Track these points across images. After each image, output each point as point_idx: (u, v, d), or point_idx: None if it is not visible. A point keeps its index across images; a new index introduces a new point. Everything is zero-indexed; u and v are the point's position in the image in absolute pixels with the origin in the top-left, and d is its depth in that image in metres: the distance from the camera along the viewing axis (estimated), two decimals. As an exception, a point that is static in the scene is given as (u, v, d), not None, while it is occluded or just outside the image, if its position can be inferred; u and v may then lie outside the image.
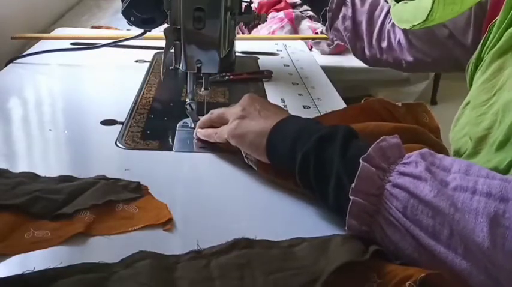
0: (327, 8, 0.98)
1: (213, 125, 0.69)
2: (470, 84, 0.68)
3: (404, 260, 0.46)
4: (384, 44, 0.94)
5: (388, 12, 0.93)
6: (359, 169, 0.47)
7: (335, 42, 1.56)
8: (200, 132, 0.71)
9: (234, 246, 0.48)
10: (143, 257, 0.46)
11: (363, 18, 0.96)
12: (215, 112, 0.69)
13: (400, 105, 0.68)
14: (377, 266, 0.45)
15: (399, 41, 0.92)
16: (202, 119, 0.71)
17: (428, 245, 0.44)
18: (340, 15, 0.96)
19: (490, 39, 0.63)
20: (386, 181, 0.47)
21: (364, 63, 1.03)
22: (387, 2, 0.91)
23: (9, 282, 0.42)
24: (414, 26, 0.64)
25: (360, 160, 0.48)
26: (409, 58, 0.91)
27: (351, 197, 0.48)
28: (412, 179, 0.46)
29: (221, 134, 0.65)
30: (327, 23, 1.00)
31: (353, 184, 0.48)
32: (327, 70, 1.12)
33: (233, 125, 0.63)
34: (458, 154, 0.64)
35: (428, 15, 0.59)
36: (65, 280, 0.43)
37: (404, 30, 0.89)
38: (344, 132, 0.54)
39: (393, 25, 0.93)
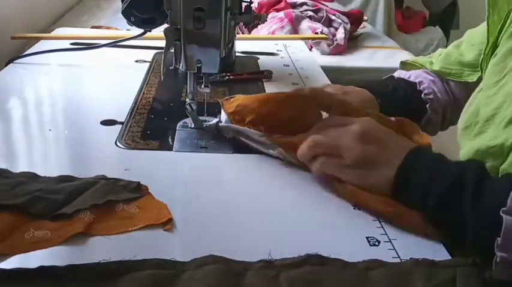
0: None
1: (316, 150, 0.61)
2: (485, 73, 0.68)
3: None
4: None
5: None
6: (503, 225, 0.45)
7: (335, 42, 1.57)
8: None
9: (306, 261, 0.47)
10: (213, 261, 0.46)
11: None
12: (326, 139, 0.60)
13: (393, 120, 0.65)
14: None
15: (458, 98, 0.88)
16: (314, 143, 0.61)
17: None
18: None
19: (506, 25, 0.63)
20: None
21: None
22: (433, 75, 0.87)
23: (86, 268, 0.44)
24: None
25: (502, 214, 0.45)
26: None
27: (497, 254, 0.45)
28: None
29: (331, 169, 0.59)
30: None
31: (498, 240, 0.45)
32: (327, 70, 1.12)
33: (353, 174, 0.57)
34: (467, 135, 0.64)
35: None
36: (138, 272, 0.44)
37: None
38: (475, 175, 0.50)
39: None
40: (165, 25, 0.72)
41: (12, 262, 0.46)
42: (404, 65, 0.94)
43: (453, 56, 0.84)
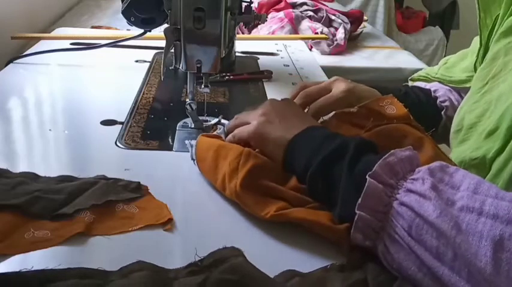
0: None
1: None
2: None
3: (406, 279, 0.45)
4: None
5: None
6: (366, 185, 0.46)
7: (335, 42, 1.57)
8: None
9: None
10: (141, 268, 0.45)
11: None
12: (239, 117, 0.67)
13: (355, 109, 0.63)
14: None
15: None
16: (227, 125, 0.68)
17: (432, 266, 0.42)
18: None
19: (495, 29, 0.63)
20: (393, 199, 0.46)
21: None
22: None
23: (6, 278, 0.42)
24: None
25: (367, 177, 0.47)
26: None
27: (357, 212, 0.47)
28: (418, 197, 0.44)
29: (241, 134, 0.63)
30: None
31: (360, 199, 0.46)
32: (327, 70, 1.12)
33: (253, 126, 0.62)
34: (455, 139, 0.64)
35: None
36: (61, 282, 0.42)
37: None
38: (355, 146, 0.52)
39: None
40: (165, 25, 0.72)
41: (12, 262, 0.46)
42: (413, 81, 0.92)
43: (457, 64, 0.83)
